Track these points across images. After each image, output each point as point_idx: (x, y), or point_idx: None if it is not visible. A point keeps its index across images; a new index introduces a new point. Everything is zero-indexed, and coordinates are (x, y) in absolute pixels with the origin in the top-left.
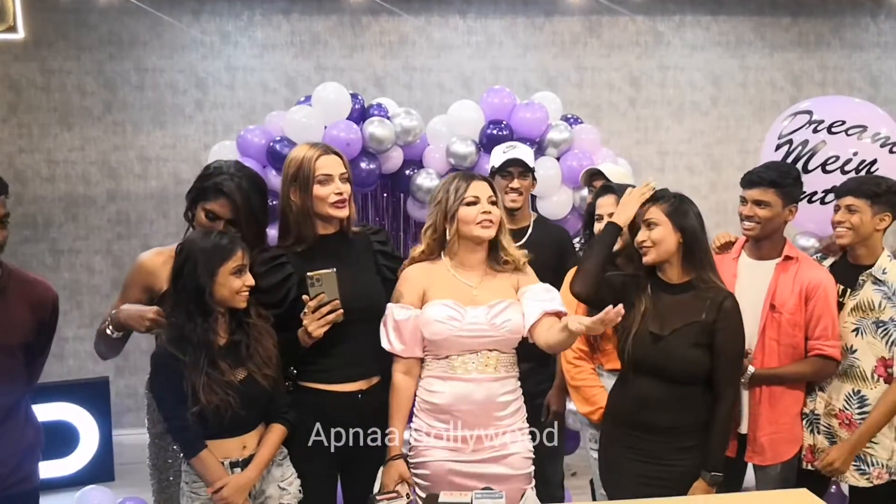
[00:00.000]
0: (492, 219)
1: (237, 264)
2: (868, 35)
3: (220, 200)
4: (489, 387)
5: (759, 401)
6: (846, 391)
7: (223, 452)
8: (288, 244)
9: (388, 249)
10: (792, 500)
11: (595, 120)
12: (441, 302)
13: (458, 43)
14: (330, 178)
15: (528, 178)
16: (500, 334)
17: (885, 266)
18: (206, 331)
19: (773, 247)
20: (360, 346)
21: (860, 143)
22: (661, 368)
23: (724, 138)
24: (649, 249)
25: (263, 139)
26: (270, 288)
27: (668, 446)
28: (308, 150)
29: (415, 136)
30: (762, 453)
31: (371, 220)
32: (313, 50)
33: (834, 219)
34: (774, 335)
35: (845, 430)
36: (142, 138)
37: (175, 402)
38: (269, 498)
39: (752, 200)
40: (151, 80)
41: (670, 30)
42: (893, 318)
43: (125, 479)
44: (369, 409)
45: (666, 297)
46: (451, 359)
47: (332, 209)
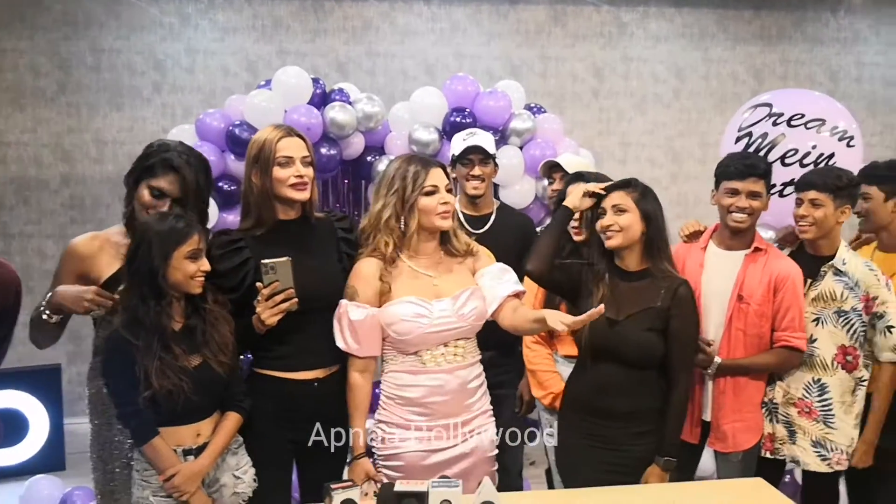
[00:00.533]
0: (449, 209)
1: (192, 248)
2: (828, 30)
3: (169, 176)
4: (460, 375)
5: (724, 390)
6: (806, 380)
7: (176, 440)
8: (247, 228)
9: (352, 237)
10: (747, 489)
11: (558, 110)
12: (406, 299)
13: (422, 29)
14: (291, 161)
15: (490, 164)
16: (468, 323)
17: (845, 257)
18: (158, 314)
19: (744, 237)
20: (319, 335)
21: (819, 137)
22: (617, 352)
23: (685, 131)
24: (615, 234)
25: (223, 123)
26: (227, 272)
27: (625, 431)
28: (271, 131)
29: (377, 122)
30: (724, 441)
31: (331, 206)
32: (275, 34)
33: (797, 213)
34: (741, 325)
35: (805, 419)
36: (98, 121)
37: (127, 387)
38: (223, 486)
39: (747, 192)
40: (108, 61)
41: (634, 21)
42: (855, 308)
43: (76, 468)
44: (326, 397)
45: (622, 284)
46: (421, 354)
47: (291, 191)
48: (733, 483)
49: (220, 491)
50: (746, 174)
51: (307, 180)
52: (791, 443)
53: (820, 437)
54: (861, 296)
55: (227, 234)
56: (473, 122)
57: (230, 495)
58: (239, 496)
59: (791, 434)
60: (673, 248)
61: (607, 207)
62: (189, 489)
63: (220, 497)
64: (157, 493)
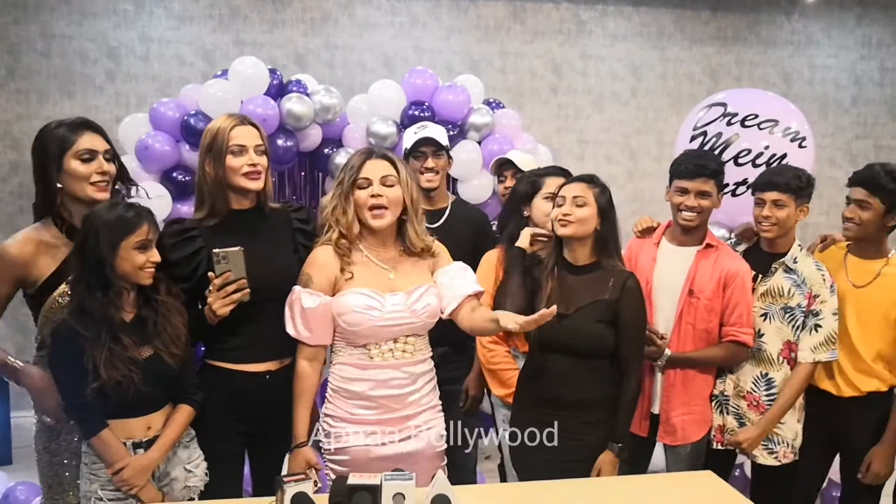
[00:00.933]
0: (383, 203)
1: (141, 239)
2: (782, 32)
3: (89, 133)
4: (407, 370)
5: (673, 383)
6: (754, 374)
7: (126, 432)
8: (201, 217)
9: (308, 228)
10: (697, 482)
11: (517, 105)
12: (358, 290)
13: (382, 22)
14: (244, 149)
15: (443, 157)
16: (420, 320)
17: (797, 255)
18: (106, 305)
19: (695, 234)
20: (272, 326)
21: (772, 137)
22: (567, 345)
23: (642, 129)
24: (570, 224)
25: (177, 112)
26: (179, 261)
27: (577, 420)
28: (224, 120)
29: (334, 114)
30: (673, 434)
31: (288, 198)
32: (232, 24)
33: (760, 214)
34: (691, 320)
35: (753, 412)
36: (48, 108)
37: (74, 378)
38: (173, 480)
39: (696, 191)
40: (59, 47)
41: (593, 19)
42: (801, 305)
43: (23, 462)
44: (278, 390)
45: (571, 277)
46: (369, 347)
47: (244, 180)
48: (683, 476)
49: (170, 485)
50: (696, 174)
51: (261, 169)
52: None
53: (768, 433)
54: (806, 293)
55: (180, 223)
56: (432, 116)
57: (181, 489)
58: (190, 490)
59: (741, 426)
60: (626, 243)
61: (567, 197)
62: (138, 483)
63: (171, 491)
64: (106, 486)
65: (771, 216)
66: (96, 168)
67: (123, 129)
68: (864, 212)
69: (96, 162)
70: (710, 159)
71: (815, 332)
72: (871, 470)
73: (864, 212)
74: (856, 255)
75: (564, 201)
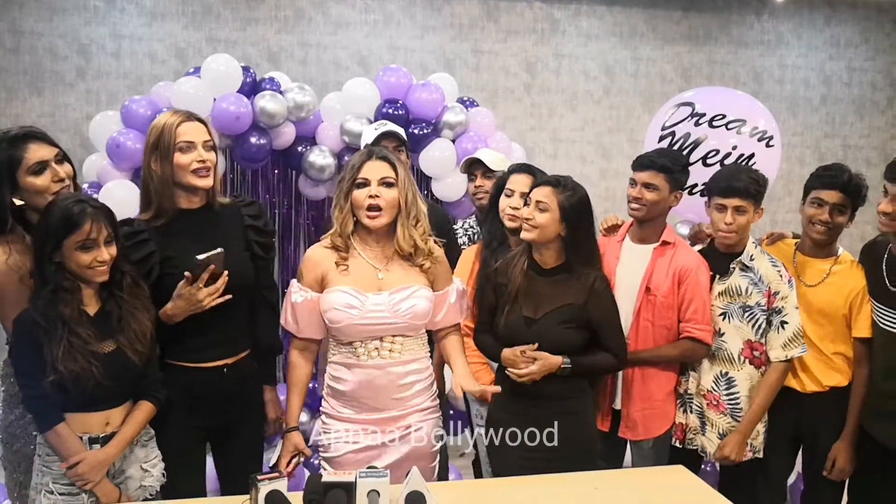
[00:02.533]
0: (379, 204)
1: (81, 239)
2: (753, 32)
3: (34, 143)
4: (392, 371)
5: (632, 378)
6: (714, 373)
7: (83, 427)
8: (148, 218)
9: (259, 224)
10: (670, 477)
11: (491, 104)
12: (340, 289)
13: (356, 20)
14: (192, 146)
15: (404, 152)
16: (403, 321)
17: (752, 253)
18: (52, 301)
19: (654, 231)
20: (229, 323)
21: (739, 137)
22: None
23: (614, 127)
24: (530, 229)
25: (149, 110)
26: (135, 263)
27: (549, 411)
28: (170, 116)
29: (308, 112)
30: (634, 428)
31: (261, 196)
32: (205, 21)
33: (723, 220)
34: (649, 316)
35: (713, 411)
36: (17, 105)
37: (32, 370)
38: (129, 478)
39: (642, 183)
40: (28, 43)
41: (566, 18)
42: (759, 303)
43: None
44: (235, 382)
45: (540, 280)
46: (355, 345)
47: (193, 178)
48: (656, 471)
49: (125, 483)
50: (642, 166)
51: (209, 165)
52: (702, 434)
53: (727, 430)
54: (765, 291)
55: (129, 224)
56: (406, 115)
57: (136, 488)
58: (146, 489)
59: (702, 425)
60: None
61: (532, 200)
62: (94, 478)
63: (126, 490)
64: (58, 480)
65: (733, 223)
66: (52, 177)
67: (94, 127)
68: (841, 216)
69: (50, 171)
70: (664, 156)
71: (783, 330)
72: (836, 466)
73: (841, 216)
74: (806, 254)
75: (529, 204)
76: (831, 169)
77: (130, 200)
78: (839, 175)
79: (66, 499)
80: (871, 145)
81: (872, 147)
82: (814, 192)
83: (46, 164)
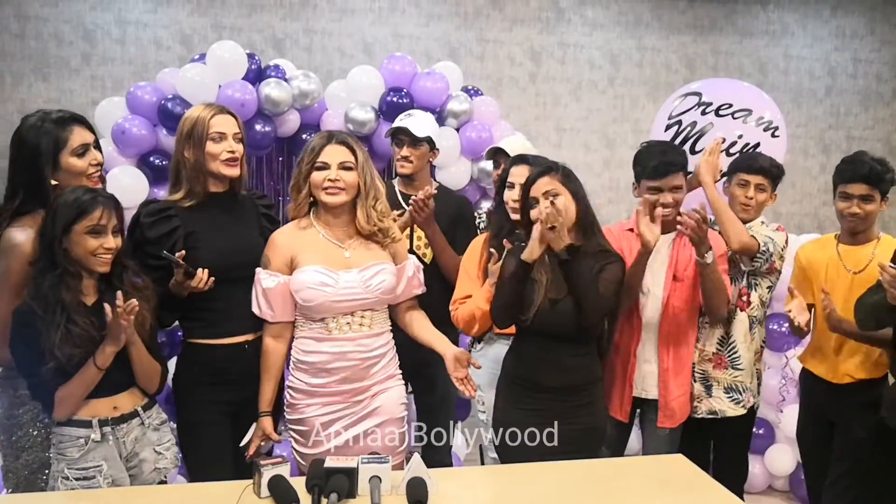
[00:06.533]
0: (340, 185)
1: (92, 223)
2: (758, 23)
3: (78, 127)
4: (364, 343)
5: (667, 367)
6: (717, 335)
7: (93, 411)
8: (177, 199)
9: (271, 214)
10: (669, 465)
11: (495, 93)
12: (312, 268)
13: (361, 8)
14: (223, 136)
15: (421, 147)
16: (374, 296)
17: (753, 225)
18: (55, 286)
19: (672, 222)
20: (245, 300)
21: (745, 127)
22: (559, 329)
23: (619, 117)
24: (558, 221)
25: (154, 97)
26: (157, 239)
27: (562, 405)
28: (203, 109)
29: (312, 99)
30: (672, 417)
31: (265, 184)
32: (210, 7)
33: (745, 194)
34: (678, 303)
35: (718, 370)
36: (23, 90)
37: (32, 359)
38: (143, 461)
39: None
40: (34, 28)
41: (571, 7)
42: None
43: None
44: (257, 358)
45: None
46: (327, 321)
47: (223, 167)
48: (656, 459)
49: (139, 466)
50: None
51: (238, 156)
52: (708, 397)
53: (731, 383)
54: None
55: (157, 202)
56: (410, 103)
57: (150, 471)
58: (159, 472)
59: (707, 388)
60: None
61: (538, 195)
62: (121, 336)
63: (140, 473)
64: (72, 465)
65: (753, 198)
66: (91, 160)
67: (100, 113)
68: (870, 205)
69: (90, 154)
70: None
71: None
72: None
73: (870, 205)
74: (846, 243)
75: (537, 200)
76: (851, 161)
77: (136, 187)
78: (859, 167)
79: (83, 483)
80: (876, 137)
81: (877, 138)
82: (840, 186)
83: (88, 148)
